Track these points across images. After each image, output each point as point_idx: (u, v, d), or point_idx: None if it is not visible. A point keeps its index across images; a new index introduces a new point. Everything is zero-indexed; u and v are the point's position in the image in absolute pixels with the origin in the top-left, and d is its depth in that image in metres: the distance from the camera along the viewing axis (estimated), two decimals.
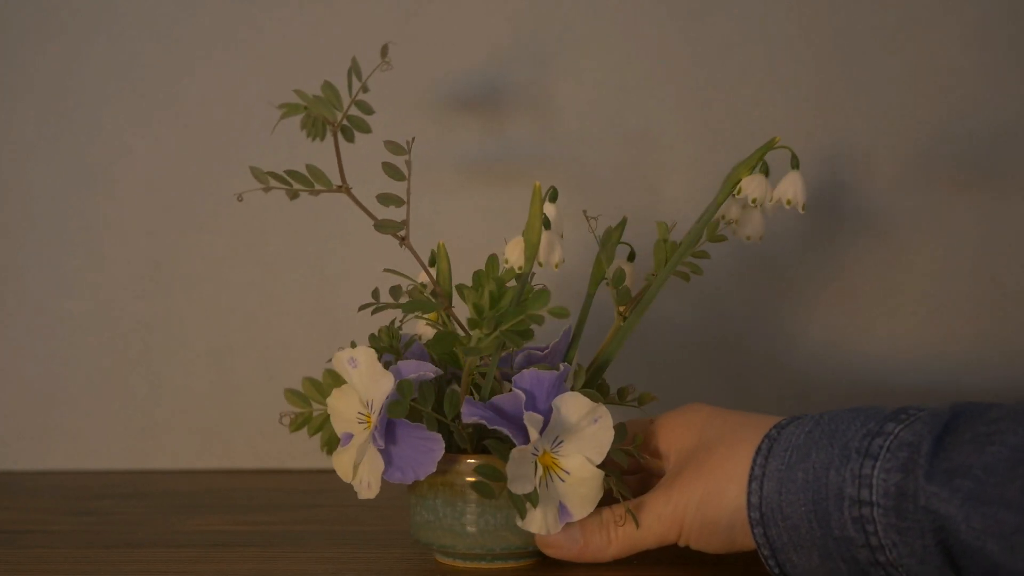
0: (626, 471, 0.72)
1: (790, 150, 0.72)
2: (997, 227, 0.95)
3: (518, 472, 0.64)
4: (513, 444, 0.65)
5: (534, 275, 0.73)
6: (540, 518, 0.65)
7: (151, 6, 0.96)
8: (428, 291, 0.73)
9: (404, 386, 0.65)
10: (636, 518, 0.66)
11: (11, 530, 0.81)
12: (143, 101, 0.97)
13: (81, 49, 0.97)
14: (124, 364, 0.98)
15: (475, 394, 0.69)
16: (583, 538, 0.67)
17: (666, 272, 0.72)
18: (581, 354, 0.75)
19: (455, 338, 0.68)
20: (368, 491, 0.66)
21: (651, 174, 0.95)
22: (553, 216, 0.74)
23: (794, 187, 0.72)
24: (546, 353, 0.74)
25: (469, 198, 0.95)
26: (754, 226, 0.74)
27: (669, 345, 0.96)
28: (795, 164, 0.72)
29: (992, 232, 0.95)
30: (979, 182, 0.95)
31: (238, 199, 0.69)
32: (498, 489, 0.65)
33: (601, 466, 0.66)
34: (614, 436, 0.66)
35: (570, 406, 0.66)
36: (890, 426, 0.60)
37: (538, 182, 0.72)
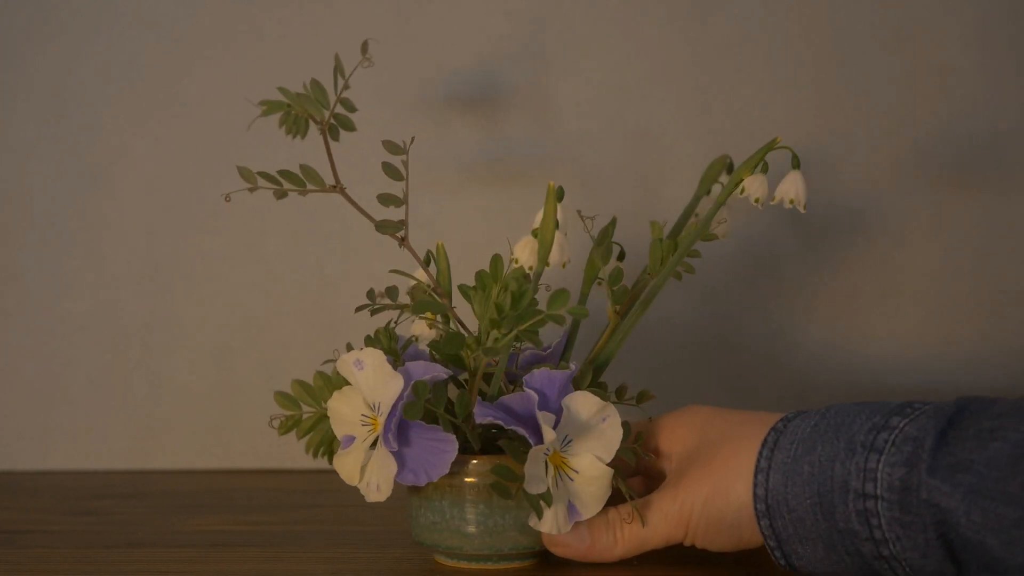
0: (629, 472, 0.72)
1: (791, 150, 0.72)
2: (997, 227, 0.95)
3: (533, 472, 0.64)
4: (522, 444, 0.65)
5: (539, 275, 0.74)
6: (551, 518, 0.65)
7: (151, 6, 0.96)
8: (428, 291, 0.73)
9: (419, 387, 0.65)
10: (643, 516, 0.66)
11: (11, 530, 0.81)
12: (143, 101, 0.97)
13: (81, 49, 0.97)
14: (124, 364, 0.98)
15: (483, 394, 0.69)
16: (590, 537, 0.67)
17: (667, 272, 0.72)
18: (574, 354, 0.76)
19: (464, 339, 0.68)
20: (377, 494, 0.66)
21: (651, 174, 0.95)
22: (559, 216, 0.74)
23: (795, 187, 0.72)
24: (548, 353, 0.74)
25: (469, 198, 0.95)
26: (725, 225, 0.75)
27: (669, 345, 0.96)
28: (796, 164, 0.72)
29: (992, 232, 0.95)
30: (979, 182, 0.95)
31: (226, 199, 0.69)
32: (514, 489, 0.65)
33: (610, 465, 0.66)
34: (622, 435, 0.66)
35: (580, 405, 0.66)
36: (895, 420, 0.60)
37: (552, 182, 0.72)
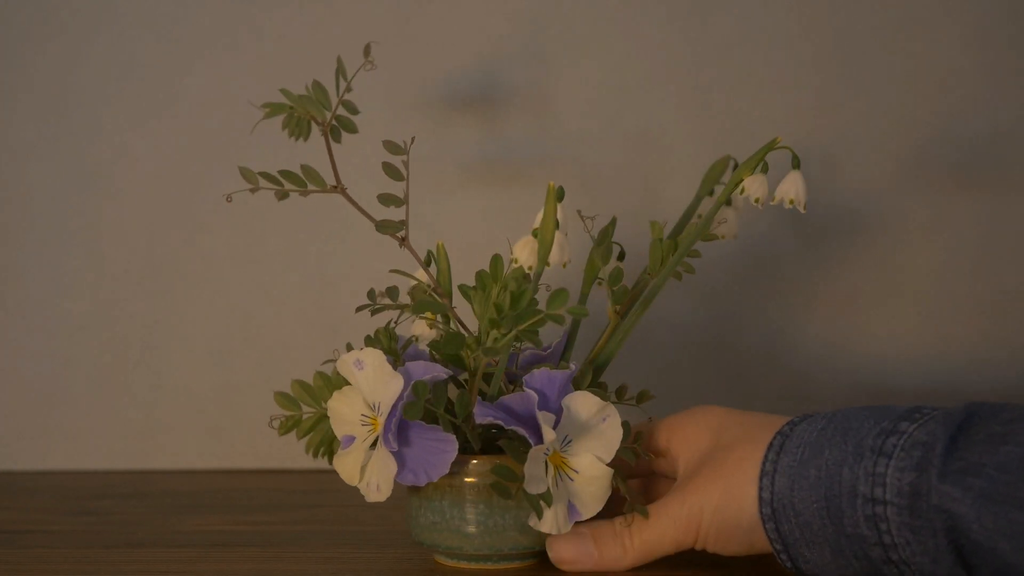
0: (632, 474, 0.72)
1: (791, 150, 0.72)
2: (997, 227, 0.95)
3: (533, 472, 0.64)
4: (522, 444, 0.65)
5: (539, 275, 0.74)
6: (551, 518, 0.65)
7: (151, 6, 0.96)
8: (428, 291, 0.73)
9: (419, 387, 0.65)
10: (643, 511, 0.65)
11: (11, 530, 0.81)
12: (143, 101, 0.97)
13: (81, 49, 0.97)
14: (124, 364, 0.98)
15: (483, 394, 0.69)
16: (597, 551, 0.66)
17: (667, 272, 0.72)
18: (574, 354, 0.76)
19: (464, 339, 0.68)
20: (377, 494, 0.66)
21: (651, 174, 0.95)
22: (560, 216, 0.74)
23: (795, 187, 0.72)
24: (548, 353, 0.74)
25: (469, 198, 0.95)
26: (729, 226, 0.75)
27: (669, 345, 0.96)
28: (796, 164, 0.72)
29: (992, 232, 0.95)
30: (979, 182, 0.95)
31: (227, 200, 0.70)
32: (514, 489, 0.65)
33: (610, 465, 0.66)
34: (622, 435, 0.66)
35: (580, 405, 0.66)
36: (904, 425, 0.60)
37: (552, 182, 0.72)
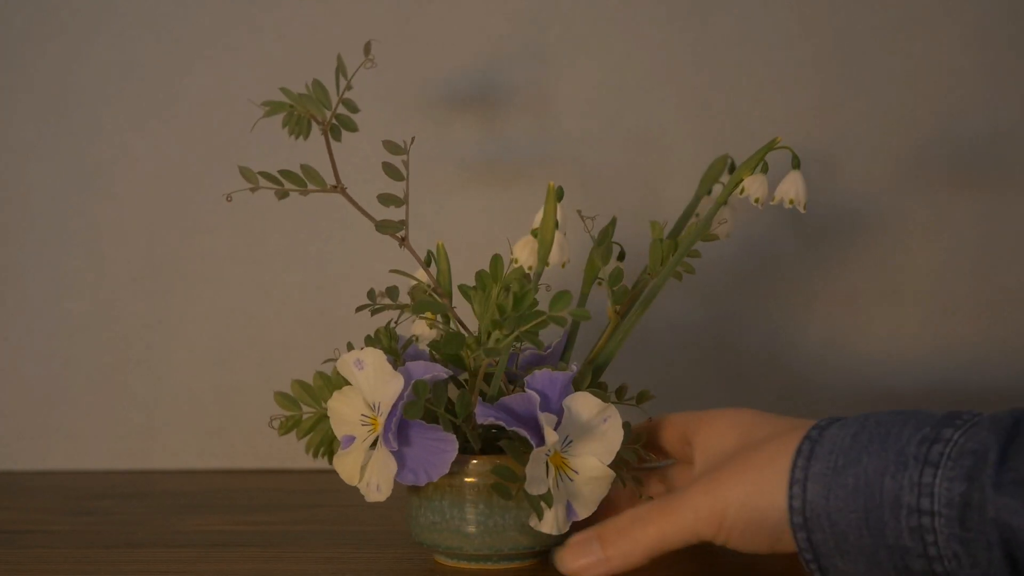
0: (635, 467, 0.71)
1: (791, 150, 0.72)
2: (997, 227, 0.95)
3: (534, 473, 0.64)
4: (523, 444, 0.65)
5: (539, 275, 0.74)
6: (552, 518, 0.65)
7: (151, 6, 0.96)
8: (428, 291, 0.73)
9: (419, 387, 0.65)
10: (642, 493, 0.64)
11: (11, 530, 0.81)
12: (143, 101, 0.97)
13: (81, 49, 0.97)
14: (124, 364, 0.98)
15: (483, 395, 0.69)
16: (604, 551, 0.64)
17: (667, 272, 0.72)
18: (574, 354, 0.76)
19: (464, 339, 0.68)
20: (377, 494, 0.66)
21: (651, 174, 0.95)
22: (559, 216, 0.74)
23: (795, 187, 0.72)
24: (548, 353, 0.74)
25: (469, 198, 0.95)
26: (726, 225, 0.75)
27: (669, 345, 0.96)
28: (796, 164, 0.72)
29: (992, 232, 0.95)
30: (979, 182, 0.95)
31: (227, 199, 0.70)
32: (515, 490, 0.65)
33: (613, 466, 0.66)
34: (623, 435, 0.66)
35: (581, 406, 0.66)
36: (947, 432, 0.58)
37: (552, 182, 0.72)
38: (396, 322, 0.73)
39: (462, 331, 0.71)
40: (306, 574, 0.69)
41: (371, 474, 0.66)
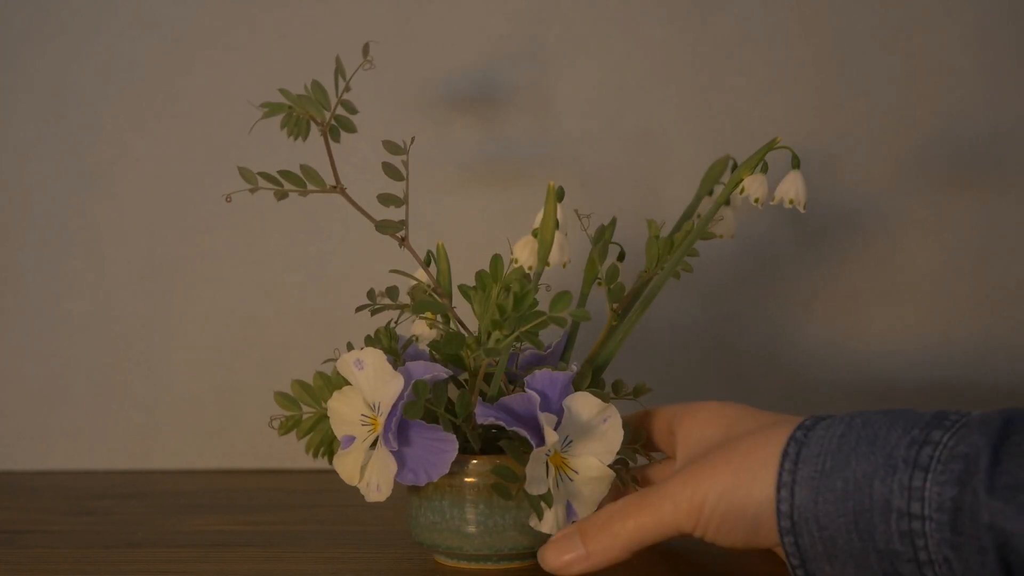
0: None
1: (791, 150, 0.72)
2: (997, 227, 0.95)
3: (534, 473, 0.64)
4: (522, 444, 0.65)
5: (539, 275, 0.74)
6: (552, 518, 0.65)
7: (151, 6, 0.96)
8: (428, 291, 0.73)
9: (420, 387, 0.65)
10: (649, 504, 0.63)
11: (11, 530, 0.81)
12: (143, 101, 0.97)
13: (81, 49, 0.97)
14: (124, 364, 0.98)
15: (483, 395, 0.69)
16: (584, 546, 0.64)
17: (667, 272, 0.72)
18: (574, 355, 0.76)
19: (464, 339, 0.68)
20: (377, 494, 0.66)
21: (651, 174, 0.95)
22: (560, 216, 0.74)
23: (795, 187, 0.72)
24: (548, 353, 0.74)
25: (469, 198, 0.95)
26: (726, 225, 0.75)
27: (669, 345, 0.96)
28: (796, 164, 0.72)
29: (992, 232, 0.95)
30: (979, 182, 0.95)
31: (227, 200, 0.70)
32: (515, 490, 0.65)
33: (612, 465, 0.66)
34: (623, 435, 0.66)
35: (581, 406, 0.65)
36: (936, 434, 0.57)
37: (552, 182, 0.72)
38: (396, 322, 0.73)
39: (462, 331, 0.71)
40: (306, 574, 0.69)
41: (371, 474, 0.66)
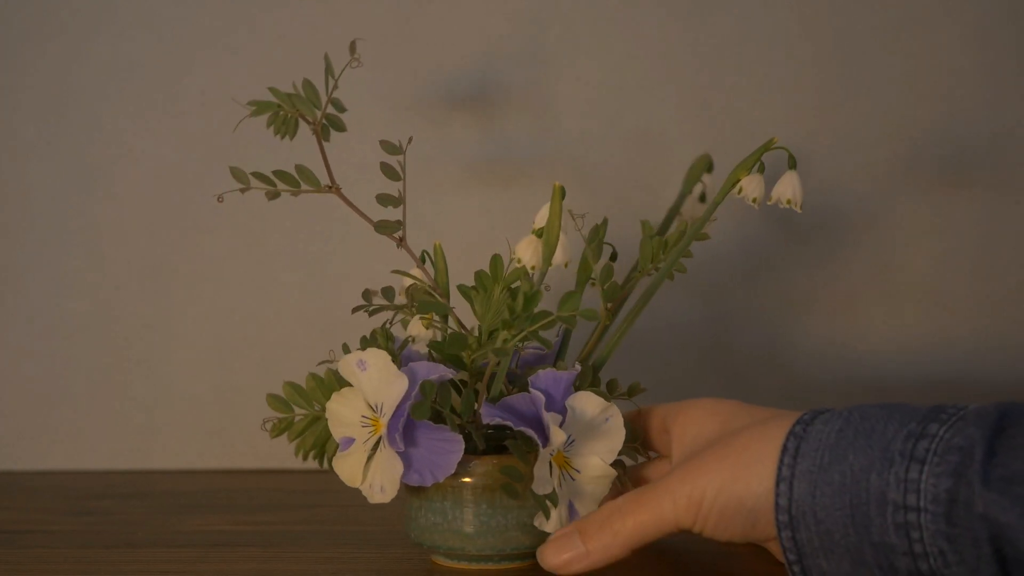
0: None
1: (787, 150, 0.72)
2: (997, 227, 0.95)
3: (540, 473, 0.64)
4: (526, 444, 0.65)
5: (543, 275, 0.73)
6: (556, 518, 0.65)
7: (151, 6, 0.96)
8: (427, 291, 0.73)
9: (427, 387, 0.65)
10: (646, 501, 0.63)
11: (11, 530, 0.81)
12: (143, 101, 0.97)
13: (81, 49, 0.97)
14: (124, 364, 0.98)
15: (485, 394, 0.69)
16: (584, 544, 0.64)
17: (663, 272, 0.72)
18: (569, 355, 0.76)
19: (466, 339, 0.68)
20: (381, 495, 0.66)
21: (651, 174, 0.95)
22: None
23: (792, 187, 0.72)
24: (546, 353, 0.74)
25: (468, 198, 0.95)
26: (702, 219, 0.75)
27: (667, 345, 0.96)
28: (792, 164, 0.73)
29: (992, 232, 0.95)
30: (979, 182, 0.95)
31: (218, 200, 0.70)
32: (521, 489, 0.65)
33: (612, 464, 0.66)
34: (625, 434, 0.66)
35: (584, 405, 0.66)
36: (933, 427, 0.57)
37: (557, 182, 0.72)
38: (391, 323, 0.73)
39: (462, 331, 0.71)
40: (306, 574, 0.69)
41: (375, 475, 0.66)
